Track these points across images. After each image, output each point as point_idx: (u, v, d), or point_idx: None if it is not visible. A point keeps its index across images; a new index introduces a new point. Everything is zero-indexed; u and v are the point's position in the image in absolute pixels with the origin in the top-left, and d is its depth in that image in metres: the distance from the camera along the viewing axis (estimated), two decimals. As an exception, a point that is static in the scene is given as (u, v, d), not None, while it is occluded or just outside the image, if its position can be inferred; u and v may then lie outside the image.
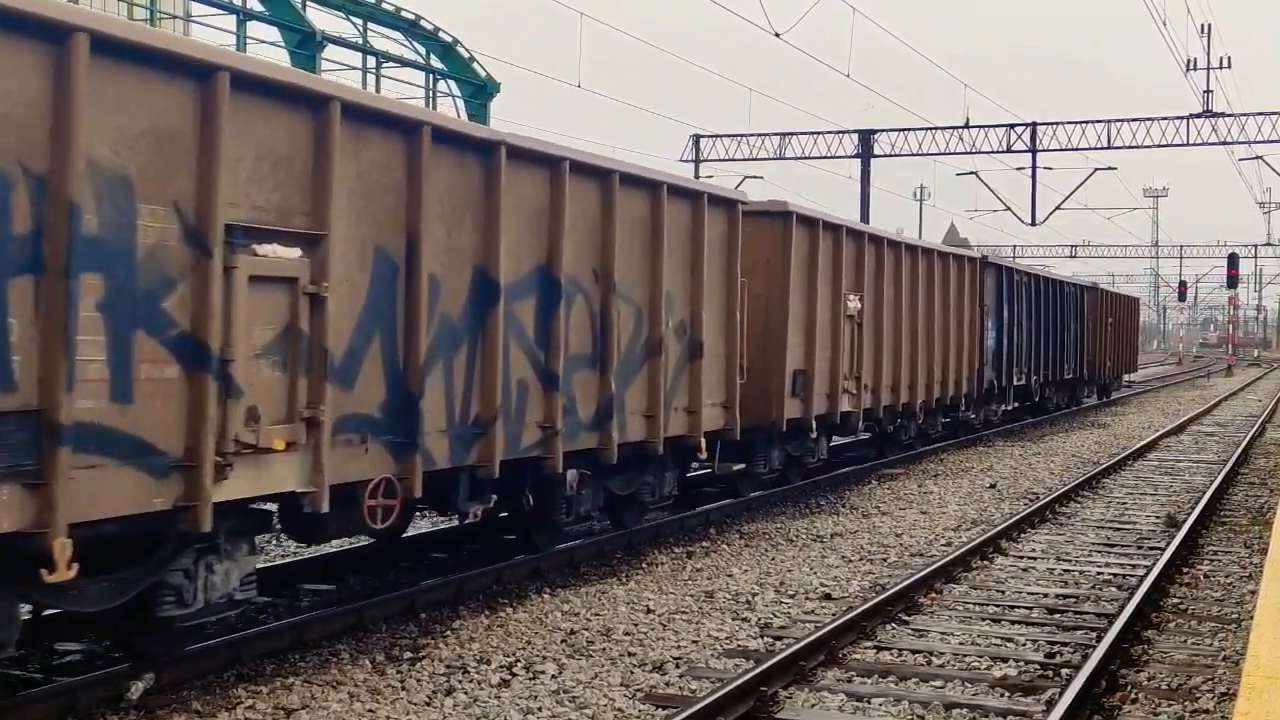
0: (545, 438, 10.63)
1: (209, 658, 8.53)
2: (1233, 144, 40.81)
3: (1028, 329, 28.52)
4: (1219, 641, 9.81)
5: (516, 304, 10.25)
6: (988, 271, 25.38)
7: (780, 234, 15.71)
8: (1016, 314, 27.47)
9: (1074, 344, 33.77)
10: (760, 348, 15.16)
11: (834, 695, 8.27)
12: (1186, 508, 16.48)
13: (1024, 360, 28.26)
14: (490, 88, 30.17)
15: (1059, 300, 31.88)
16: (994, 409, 27.26)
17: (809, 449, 17.40)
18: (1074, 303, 33.77)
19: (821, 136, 43.77)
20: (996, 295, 25.95)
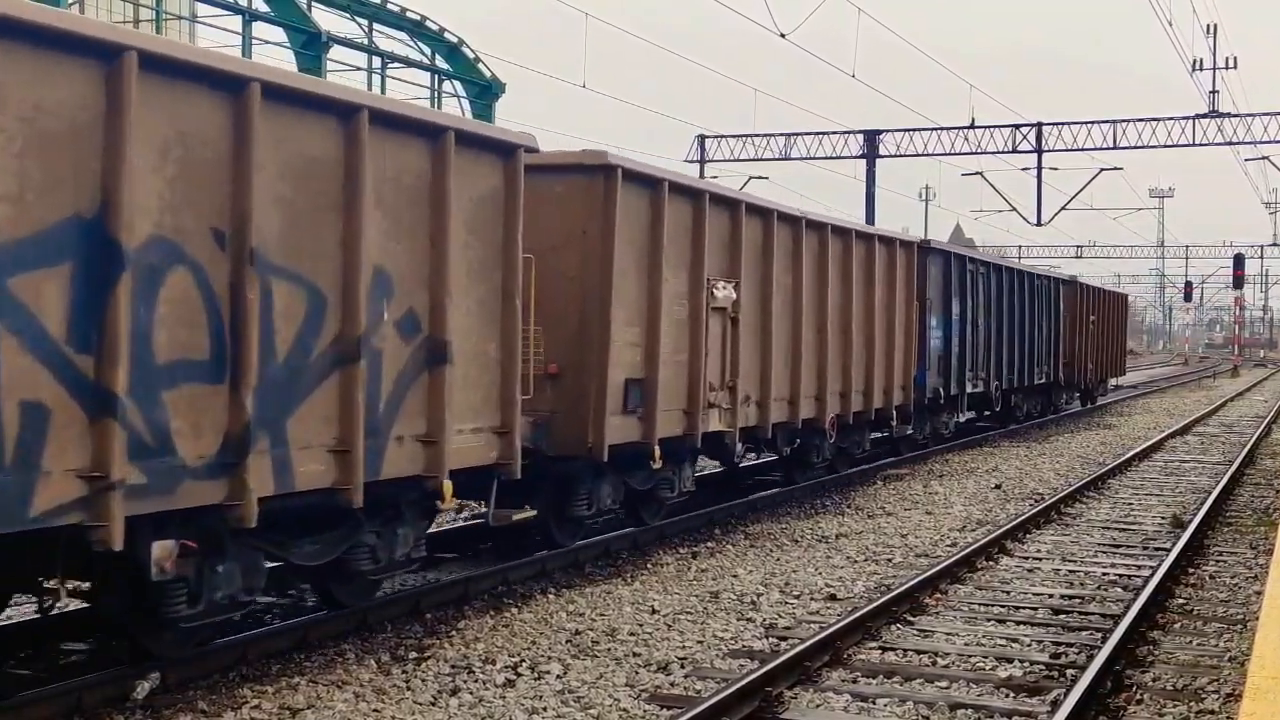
0: (92, 494, 6.82)
1: (215, 657, 8.54)
2: (1239, 144, 40.81)
3: (986, 327, 24.73)
4: (1224, 642, 9.80)
5: (14, 277, 6.52)
6: (931, 259, 21.63)
7: (600, 196, 11.67)
8: (971, 310, 23.73)
9: (1047, 344, 30.20)
10: (574, 351, 11.63)
11: (839, 696, 8.28)
12: (1192, 508, 16.46)
13: (982, 363, 24.50)
14: (495, 88, 30.18)
15: (1027, 294, 28.24)
16: (944, 421, 23.66)
17: (662, 480, 13.47)
18: (1047, 298, 30.16)
19: (827, 137, 43.80)
20: (943, 287, 22.22)
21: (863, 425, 18.69)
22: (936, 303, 21.80)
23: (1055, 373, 31.11)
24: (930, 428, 22.89)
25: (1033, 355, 28.63)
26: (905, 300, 19.60)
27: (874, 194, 42.62)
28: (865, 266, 17.86)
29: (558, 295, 11.38)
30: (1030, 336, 28.35)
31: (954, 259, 23.13)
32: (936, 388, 21.76)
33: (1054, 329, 30.76)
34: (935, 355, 21.74)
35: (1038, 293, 29.14)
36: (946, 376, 22.28)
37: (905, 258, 19.72)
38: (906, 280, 19.72)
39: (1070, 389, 34.59)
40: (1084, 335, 34.17)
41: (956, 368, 22.92)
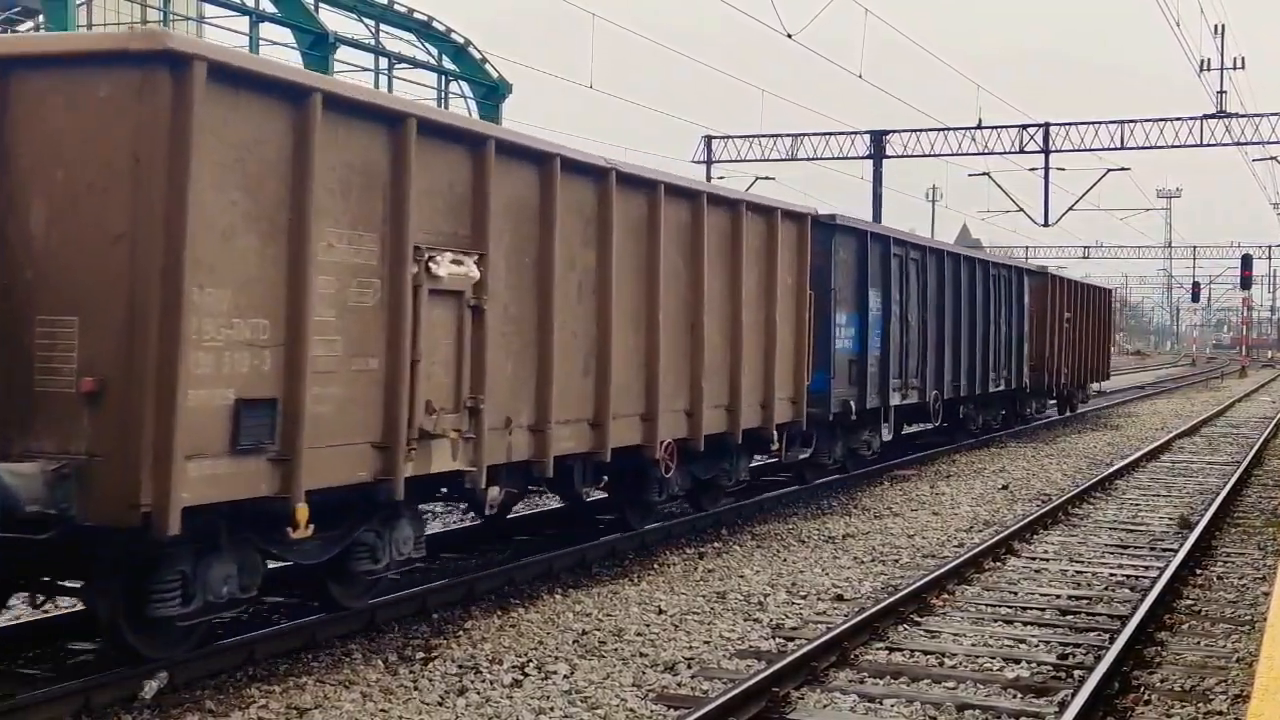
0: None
1: (222, 657, 8.55)
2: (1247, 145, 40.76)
3: (922, 325, 20.33)
4: (1232, 643, 9.79)
5: None
6: (839, 239, 17.18)
7: (164, 103, 7.21)
8: (901, 304, 19.41)
9: (1008, 346, 25.78)
10: (122, 354, 7.21)
11: (846, 696, 8.28)
12: (1199, 509, 16.44)
13: (916, 369, 20.08)
14: (502, 89, 30.22)
15: (981, 287, 23.75)
16: (865, 440, 18.74)
17: (346, 553, 9.08)
18: (1008, 291, 25.85)
19: (833, 137, 43.79)
20: (858, 275, 17.88)
21: (733, 450, 14.10)
22: (847, 294, 17.53)
23: (1019, 378, 26.86)
24: (844, 448, 18.13)
25: (988, 358, 24.14)
26: (794, 289, 14.83)
27: (881, 195, 42.60)
28: (726, 243, 13.26)
29: (97, 265, 7.24)
30: (986, 336, 23.99)
31: (873, 240, 18.45)
32: (847, 400, 17.24)
33: (1017, 327, 26.50)
34: (845, 360, 17.40)
35: (996, 285, 24.85)
36: (862, 386, 17.81)
37: (792, 234, 14.80)
38: (795, 263, 14.87)
39: (1040, 396, 30.70)
40: (1058, 335, 30.13)
41: (877, 375, 18.46)
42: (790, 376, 14.84)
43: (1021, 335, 26.85)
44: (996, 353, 24.83)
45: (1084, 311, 33.40)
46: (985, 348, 24.01)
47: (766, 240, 14.13)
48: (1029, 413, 30.12)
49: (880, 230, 19.75)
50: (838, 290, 17.17)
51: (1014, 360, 26.34)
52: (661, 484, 12.95)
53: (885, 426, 19.06)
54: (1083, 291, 34.05)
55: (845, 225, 17.71)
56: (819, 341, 16.20)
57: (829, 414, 16.82)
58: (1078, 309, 32.49)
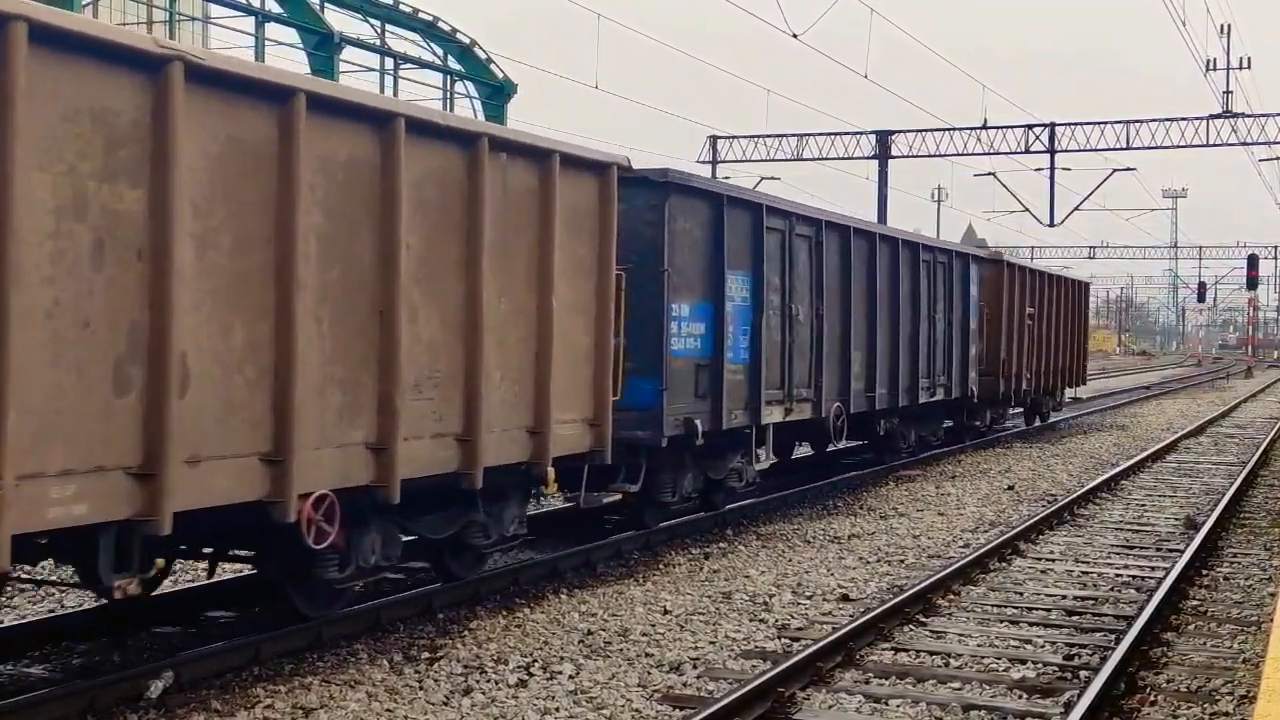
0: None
1: (227, 656, 8.56)
2: (1253, 145, 40.70)
3: (815, 320, 15.97)
4: (1238, 644, 9.77)
5: None
6: (674, 203, 12.74)
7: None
8: (784, 293, 15.14)
9: (948, 347, 21.34)
10: None
11: (851, 697, 8.27)
12: (1206, 510, 16.42)
13: (808, 377, 15.82)
14: (507, 89, 30.21)
15: (908, 274, 19.35)
16: (734, 468, 14.50)
17: None
18: (948, 280, 21.30)
19: (839, 138, 43.79)
20: (710, 253, 13.48)
21: (476, 498, 10.05)
22: (692, 278, 13.15)
23: (964, 385, 22.25)
24: (700, 480, 14.07)
25: (918, 363, 19.70)
26: (591, 267, 10.95)
27: (886, 195, 42.60)
28: (455, 196, 9.29)
29: None
30: (915, 336, 19.59)
31: (733, 207, 13.83)
32: (692, 418, 13.00)
33: (962, 325, 21.91)
34: (688, 365, 13.10)
35: (931, 273, 20.33)
36: (715, 399, 13.52)
37: (586, 192, 10.86)
38: (594, 232, 10.95)
39: (997, 405, 26.38)
40: (1017, 333, 26.01)
41: (743, 384, 14.14)
42: (586, 388, 10.87)
43: (968, 334, 22.27)
44: (931, 355, 20.39)
45: (1052, 306, 29.20)
46: (915, 349, 19.61)
47: (539, 197, 10.13)
48: (981, 425, 25.84)
49: (746, 195, 14.86)
50: (675, 272, 12.71)
51: (958, 364, 21.82)
52: (317, 560, 8.63)
53: (761, 450, 14.87)
54: (1051, 284, 29.43)
55: (687, 186, 13.05)
56: (640, 340, 12.32)
57: (661, 437, 12.49)
58: (1044, 303, 28.37)
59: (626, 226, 11.77)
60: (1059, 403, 32.54)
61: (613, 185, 11.19)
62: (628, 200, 11.78)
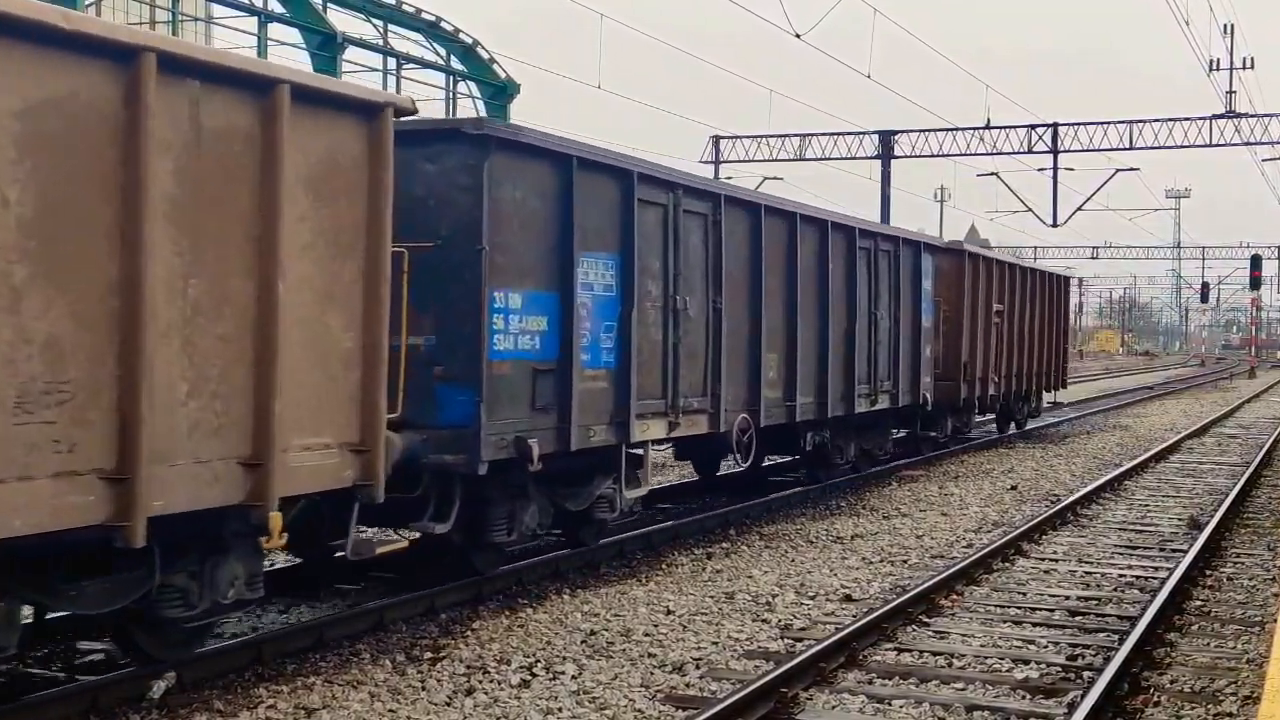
0: None
1: (230, 657, 8.56)
2: (1256, 145, 40.67)
3: (712, 317, 13.13)
4: (1242, 644, 9.76)
5: None
6: (497, 162, 10.01)
7: None
8: (666, 282, 12.34)
9: (894, 348, 18.44)
10: None
11: (854, 697, 8.26)
12: (1209, 510, 16.40)
13: (701, 384, 13.03)
14: (510, 89, 30.22)
15: (840, 263, 16.59)
16: (602, 495, 11.92)
17: None
18: (894, 271, 18.46)
19: (842, 138, 43.79)
20: (557, 230, 10.78)
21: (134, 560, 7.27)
22: (528, 260, 10.45)
23: (915, 392, 19.41)
24: (548, 514, 11.30)
25: (855, 366, 16.91)
26: (360, 243, 8.28)
27: (889, 195, 42.58)
28: (116, 141, 6.73)
29: None
30: (850, 335, 16.85)
31: (584, 170, 11.04)
32: (525, 438, 10.22)
33: (912, 323, 19.16)
34: (520, 370, 10.33)
35: (872, 262, 17.66)
36: (563, 412, 10.78)
37: (349, 141, 8.21)
38: (364, 195, 8.30)
39: (959, 413, 23.69)
40: (983, 333, 23.34)
41: (607, 393, 11.45)
42: (348, 403, 8.16)
43: (919, 333, 19.44)
44: (872, 358, 17.62)
45: (1027, 302, 26.43)
46: (849, 351, 16.80)
47: (259, 143, 7.51)
48: (939, 435, 22.79)
49: (608, 159, 11.67)
50: (499, 252, 10.01)
51: (907, 368, 19.00)
52: None
53: (639, 474, 12.29)
54: (1024, 277, 26.57)
55: (517, 142, 10.31)
56: (452, 340, 9.81)
57: (478, 462, 9.77)
58: (1017, 299, 25.63)
59: (433, 192, 9.74)
60: (1037, 408, 29.52)
61: (386, 134, 8.35)
62: (436, 159, 9.76)
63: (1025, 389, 27.04)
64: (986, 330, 23.53)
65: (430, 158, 9.74)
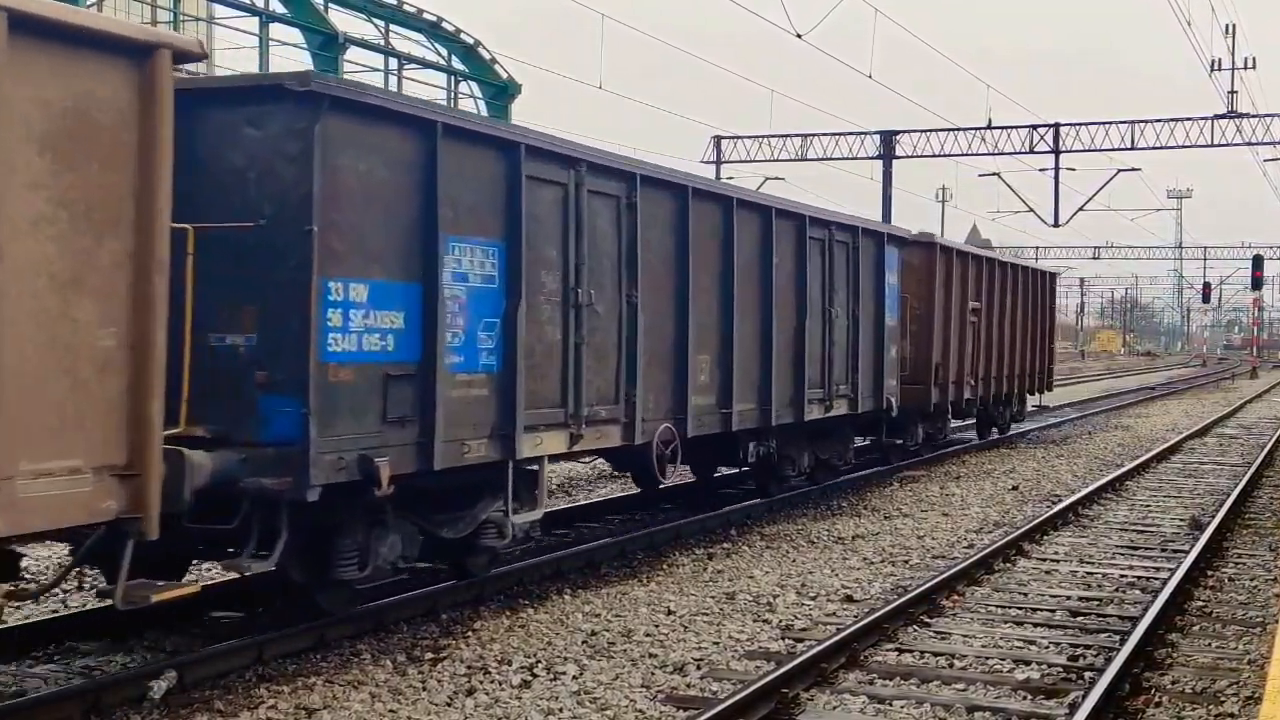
0: None
1: (231, 657, 8.55)
2: (1258, 145, 40.64)
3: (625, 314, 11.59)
4: (1243, 645, 9.75)
5: None
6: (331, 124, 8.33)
7: None
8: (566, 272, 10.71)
9: (852, 349, 16.55)
10: None
11: (855, 698, 8.25)
12: (1210, 510, 16.39)
13: (612, 390, 11.46)
14: (511, 89, 30.23)
15: (787, 255, 14.76)
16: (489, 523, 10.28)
17: None
18: (852, 265, 16.53)
19: (843, 138, 43.76)
20: (416, 209, 9.08)
21: None
22: (376, 244, 8.80)
23: (878, 396, 17.50)
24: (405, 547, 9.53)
25: (803, 368, 15.04)
26: (126, 217, 6.77)
27: (890, 195, 42.57)
28: None
29: None
30: (799, 334, 15.05)
31: (452, 140, 9.36)
32: (372, 455, 8.64)
33: (874, 321, 17.30)
34: (364, 374, 8.67)
35: (826, 254, 15.75)
36: (426, 424, 9.17)
37: (85, 84, 6.55)
38: (131, 158, 6.81)
39: (932, 419, 21.55)
40: (958, 333, 21.55)
41: (487, 402, 9.78)
42: (106, 417, 6.66)
43: (883, 333, 17.47)
44: (826, 360, 15.74)
45: (1008, 300, 24.63)
46: (799, 352, 15.03)
47: None
48: (909, 442, 20.87)
49: (485, 128, 10.28)
50: (337, 234, 8.40)
51: (868, 370, 17.06)
52: None
53: (534, 494, 10.57)
54: (1005, 273, 24.74)
55: (359, 103, 8.60)
56: (276, 339, 8.22)
57: (307, 486, 8.12)
58: (997, 296, 23.89)
59: (255, 163, 8.24)
60: (1020, 412, 27.55)
61: (162, 82, 6.80)
62: (259, 123, 8.23)
63: (1007, 392, 25.27)
64: (961, 330, 21.68)
65: (252, 121, 8.24)
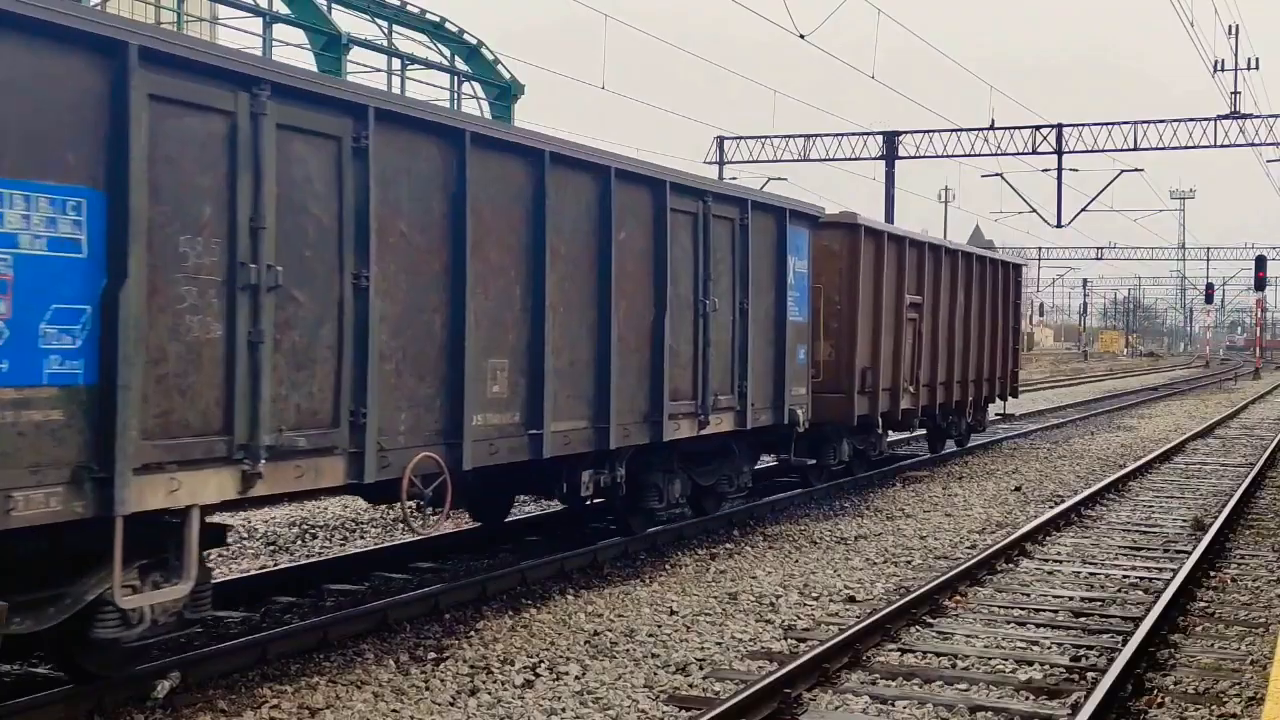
0: None
1: (234, 656, 8.57)
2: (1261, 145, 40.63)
3: (352, 298, 8.30)
4: (1246, 646, 9.75)
5: None
6: None
7: None
8: (233, 238, 7.45)
9: (740, 349, 13.34)
10: None
11: (858, 698, 8.26)
12: (1213, 511, 16.38)
13: (330, 404, 8.18)
14: (515, 89, 30.22)
15: (635, 229, 11.63)
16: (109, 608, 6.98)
17: None
18: (736, 246, 13.21)
19: (846, 138, 43.76)
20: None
21: None
22: None
23: (779, 408, 14.18)
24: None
25: (662, 372, 11.94)
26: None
27: (893, 195, 42.58)
28: None
29: None
30: (657, 330, 11.95)
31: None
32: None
33: (772, 316, 14.03)
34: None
35: (695, 232, 12.49)
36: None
37: None
38: None
39: (862, 433, 17.87)
40: (892, 331, 17.97)
41: (76, 429, 6.58)
42: None
43: (783, 331, 14.14)
44: (699, 362, 12.55)
45: (960, 294, 21.02)
46: (656, 355, 11.89)
47: None
48: (832, 462, 17.36)
49: (55, 13, 6.41)
50: None
51: (764, 376, 13.80)
52: None
53: (183, 561, 7.33)
54: (953, 263, 20.79)
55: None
56: None
57: None
58: (944, 289, 20.20)
59: None
60: (979, 421, 24.06)
61: None
62: None
63: (959, 400, 21.68)
64: (897, 329, 18.15)
65: None
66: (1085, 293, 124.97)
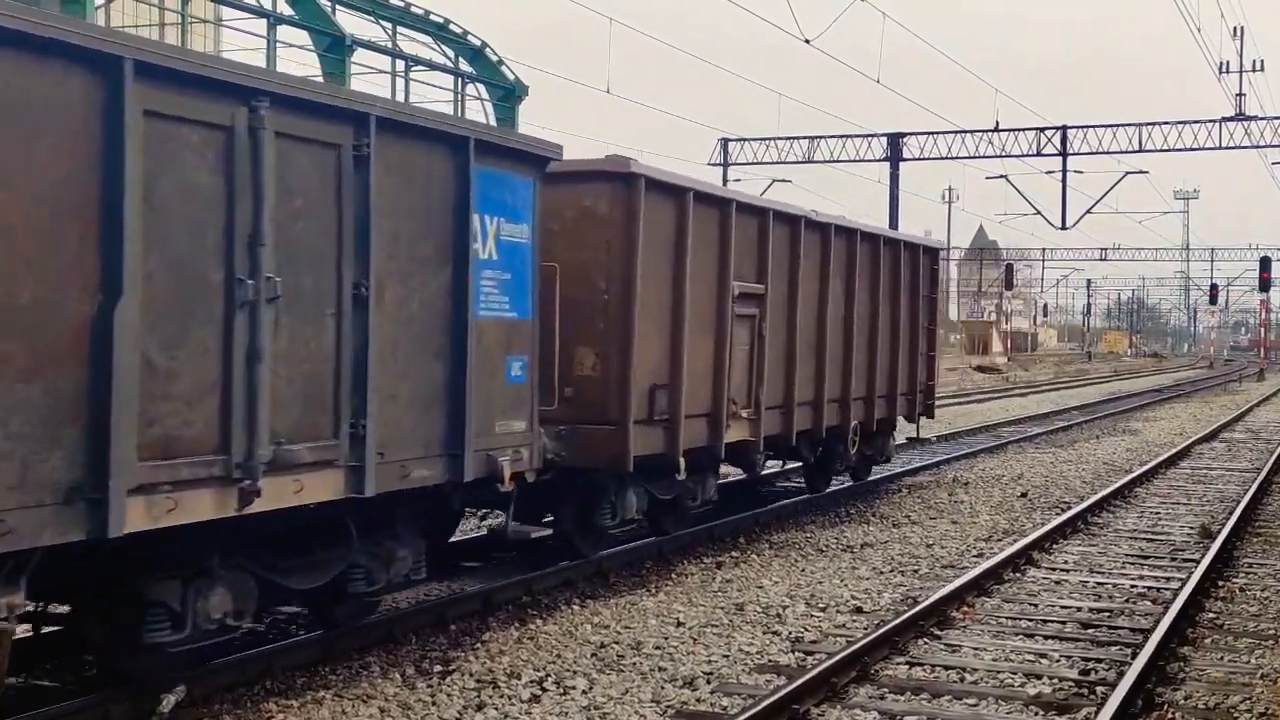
0: None
1: (240, 670, 8.53)
2: (1265, 147, 40.58)
3: None
4: (1256, 658, 9.70)
5: None
6: None
7: None
8: None
9: (353, 370, 7.88)
10: None
11: (866, 713, 8.21)
12: (1221, 518, 16.33)
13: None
14: (519, 91, 30.17)
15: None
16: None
17: None
18: (351, 193, 7.84)
19: (850, 140, 43.72)
20: None
21: None
22: None
23: (452, 454, 8.85)
24: None
25: (109, 415, 6.28)
26: None
27: (898, 197, 42.53)
28: None
29: None
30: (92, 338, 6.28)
31: None
32: None
33: (440, 310, 8.75)
34: None
35: (247, 163, 7.12)
36: None
37: None
38: None
39: (658, 480, 12.47)
40: (711, 333, 12.75)
41: None
42: None
43: (462, 335, 8.89)
44: (237, 388, 7.12)
45: (835, 285, 15.59)
46: (96, 388, 6.29)
47: None
48: (608, 522, 12.09)
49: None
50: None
51: (420, 407, 8.59)
52: None
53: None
54: (821, 240, 15.26)
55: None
56: None
57: None
58: (804, 277, 14.62)
59: None
60: (882, 449, 18.66)
61: None
62: None
63: (842, 424, 16.16)
64: (718, 329, 12.88)
65: None
66: (1089, 294, 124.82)
